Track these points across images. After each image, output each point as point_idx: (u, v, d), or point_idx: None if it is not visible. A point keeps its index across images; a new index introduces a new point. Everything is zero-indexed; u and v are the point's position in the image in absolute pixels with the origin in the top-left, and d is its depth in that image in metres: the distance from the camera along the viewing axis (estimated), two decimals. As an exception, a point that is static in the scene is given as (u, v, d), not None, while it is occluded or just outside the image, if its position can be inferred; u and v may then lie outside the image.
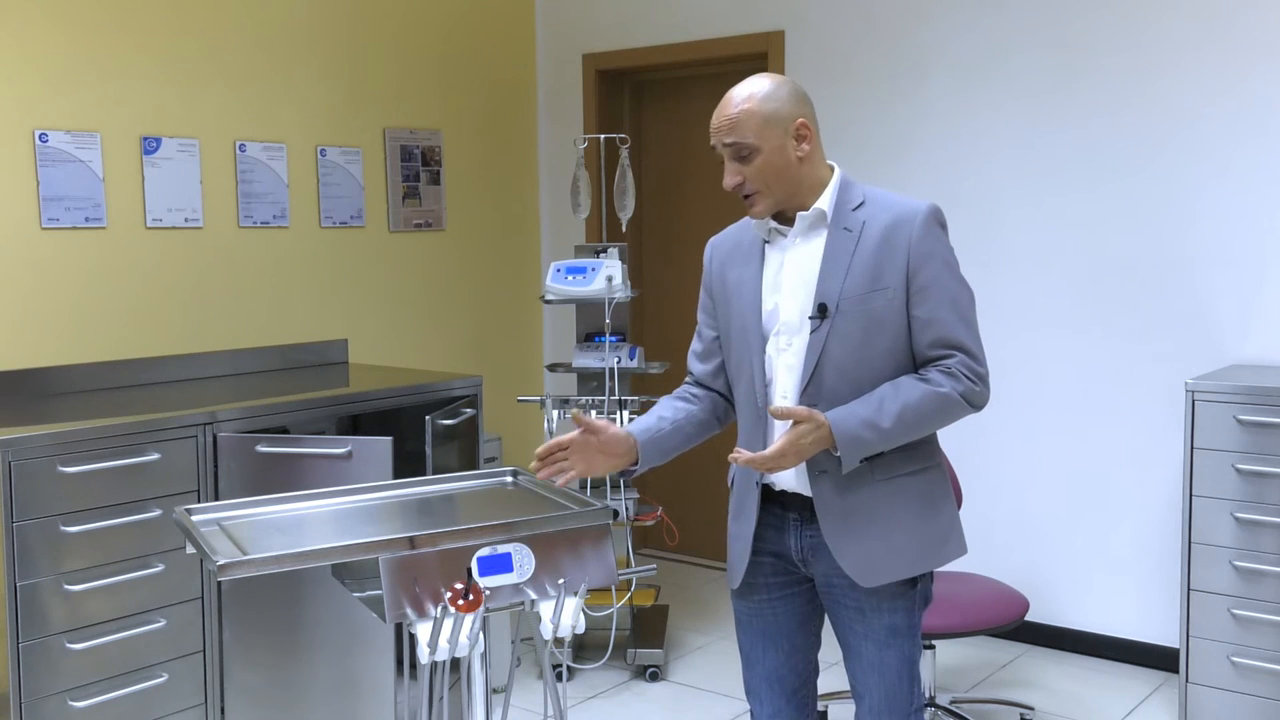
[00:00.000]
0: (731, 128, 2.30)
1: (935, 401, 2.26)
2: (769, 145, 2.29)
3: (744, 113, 2.29)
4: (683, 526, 4.93)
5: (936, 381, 2.27)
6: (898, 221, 2.29)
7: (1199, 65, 4.02)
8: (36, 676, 3.07)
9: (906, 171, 4.61)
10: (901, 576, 2.34)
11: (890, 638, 2.38)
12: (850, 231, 2.31)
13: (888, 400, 2.25)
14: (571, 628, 2.24)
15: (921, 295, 2.28)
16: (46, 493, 3.07)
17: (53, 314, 3.90)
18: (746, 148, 2.29)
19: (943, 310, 2.28)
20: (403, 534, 2.14)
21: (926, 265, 2.28)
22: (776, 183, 2.32)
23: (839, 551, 2.33)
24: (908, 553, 2.34)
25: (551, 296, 4.20)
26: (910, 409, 2.25)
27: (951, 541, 2.41)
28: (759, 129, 2.28)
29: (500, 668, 3.93)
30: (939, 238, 2.31)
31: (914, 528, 2.35)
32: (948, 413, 2.29)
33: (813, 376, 2.30)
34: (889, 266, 2.28)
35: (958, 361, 2.28)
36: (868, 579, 2.33)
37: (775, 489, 2.40)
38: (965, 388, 2.28)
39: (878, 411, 2.24)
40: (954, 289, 2.30)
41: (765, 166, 2.30)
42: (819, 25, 4.79)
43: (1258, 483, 3.57)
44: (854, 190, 2.37)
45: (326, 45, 4.69)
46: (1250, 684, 3.62)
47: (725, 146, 2.32)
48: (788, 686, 2.52)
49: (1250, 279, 3.99)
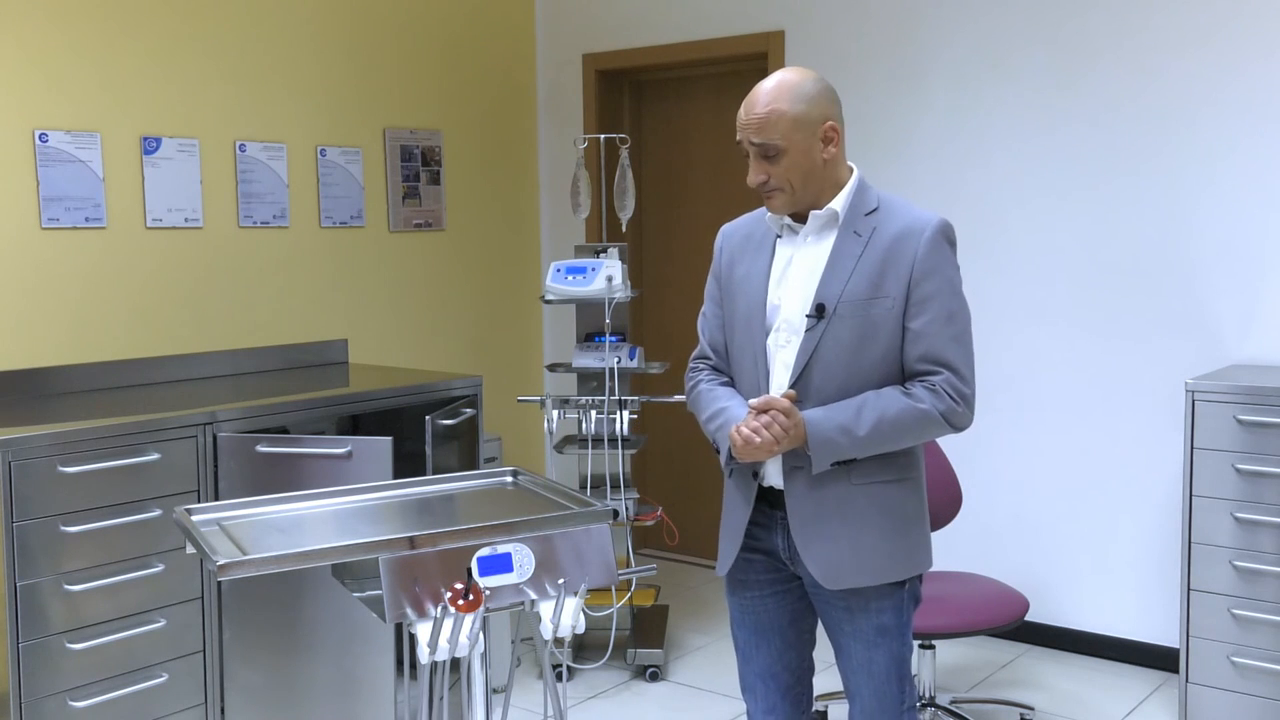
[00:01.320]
0: (760, 127, 2.28)
1: (914, 416, 2.26)
2: (796, 148, 2.28)
3: (773, 112, 2.27)
4: (683, 526, 4.93)
5: (918, 397, 2.27)
6: (906, 232, 2.29)
7: (1199, 65, 4.02)
8: (36, 676, 3.07)
9: (906, 171, 4.61)
10: (865, 584, 2.34)
11: (878, 638, 2.38)
12: (860, 236, 2.31)
13: (867, 408, 2.25)
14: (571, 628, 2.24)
15: (918, 308, 2.28)
16: (46, 493, 3.07)
17: (53, 314, 3.90)
18: (774, 149, 2.28)
19: (936, 325, 2.27)
20: (403, 534, 2.14)
21: (928, 279, 2.27)
22: (800, 183, 2.31)
23: (804, 549, 2.33)
24: (874, 560, 2.33)
25: (551, 296, 4.20)
26: (887, 421, 2.25)
27: (918, 555, 2.40)
28: (787, 131, 2.27)
29: (500, 668, 3.93)
30: (945, 254, 2.30)
31: (883, 537, 2.34)
32: (925, 429, 2.29)
33: (801, 375, 2.30)
34: (892, 276, 2.28)
35: (943, 380, 2.27)
36: (830, 580, 2.33)
37: (764, 485, 2.41)
38: (947, 407, 2.27)
39: (855, 419, 2.25)
40: (952, 306, 2.29)
41: (791, 167, 2.29)
42: (819, 25, 4.79)
43: (1257, 483, 3.57)
44: (870, 194, 2.36)
45: (327, 45, 4.69)
46: (1250, 684, 3.62)
47: (753, 145, 2.30)
48: (781, 683, 2.53)
49: (1250, 279, 3.99)
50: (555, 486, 2.54)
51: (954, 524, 3.99)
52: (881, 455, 2.31)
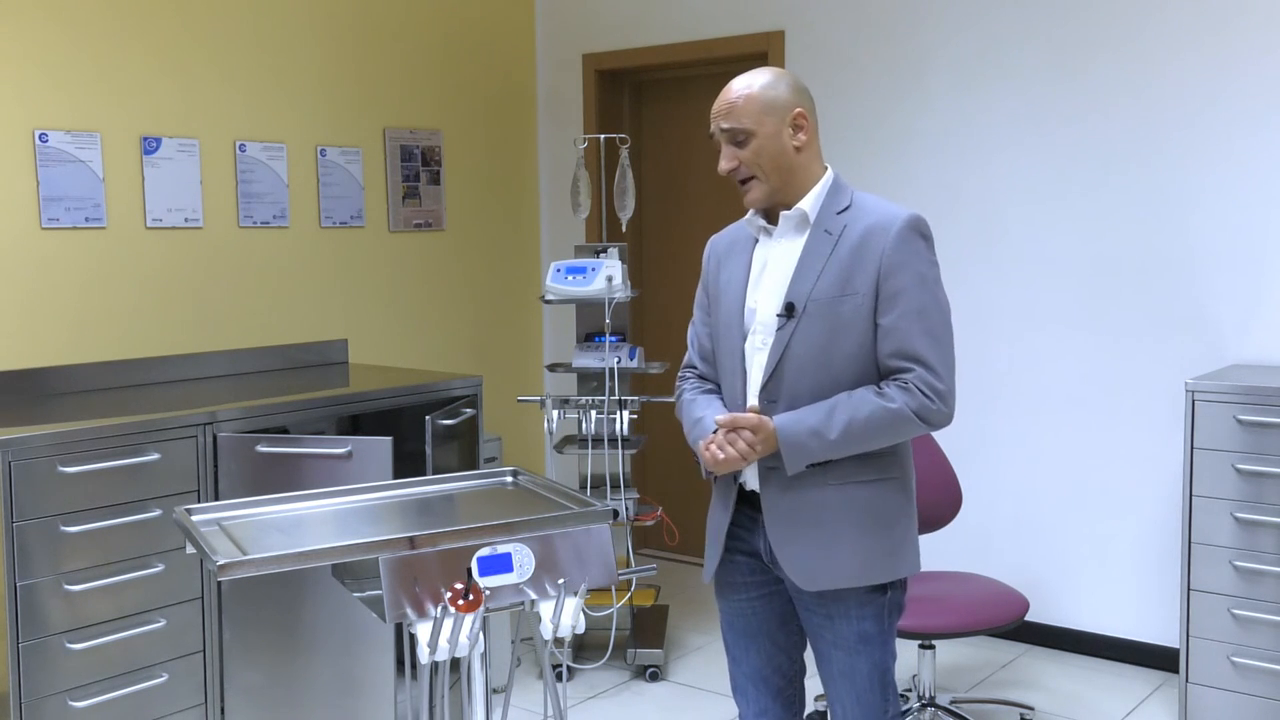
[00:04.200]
0: (729, 112, 2.32)
1: (885, 417, 2.24)
2: (765, 131, 2.30)
3: (743, 98, 2.31)
4: (683, 526, 4.93)
5: (889, 397, 2.25)
6: (875, 228, 2.29)
7: (1199, 64, 4.02)
8: (36, 676, 3.07)
9: (906, 171, 4.62)
10: (844, 585, 2.32)
11: (859, 645, 2.36)
12: (830, 234, 2.32)
13: (838, 411, 2.24)
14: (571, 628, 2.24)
15: (888, 304, 2.26)
16: (46, 493, 3.07)
17: (53, 314, 3.90)
18: (742, 132, 2.31)
19: (906, 321, 2.25)
20: (403, 534, 2.14)
21: (897, 274, 2.26)
22: (771, 169, 2.32)
23: (779, 550, 2.33)
24: (851, 562, 2.31)
25: (551, 296, 4.20)
26: (858, 422, 2.24)
27: (901, 556, 2.36)
28: (756, 114, 2.30)
29: (500, 668, 3.93)
30: (915, 248, 2.28)
31: (860, 538, 2.31)
32: (898, 429, 2.26)
33: (774, 374, 2.31)
34: (860, 272, 2.27)
35: (915, 376, 2.25)
36: (806, 582, 2.32)
37: (746, 488, 2.41)
38: (919, 404, 2.24)
39: (826, 421, 2.24)
40: (923, 301, 2.27)
41: (760, 151, 2.31)
42: (819, 25, 4.79)
43: (1257, 483, 3.57)
44: (844, 194, 2.36)
45: (327, 45, 4.69)
46: (1250, 684, 3.62)
47: (723, 131, 2.33)
48: (772, 685, 2.53)
49: (1250, 279, 3.99)
50: (555, 486, 2.54)
51: (954, 524, 3.99)
52: (860, 455, 2.29)
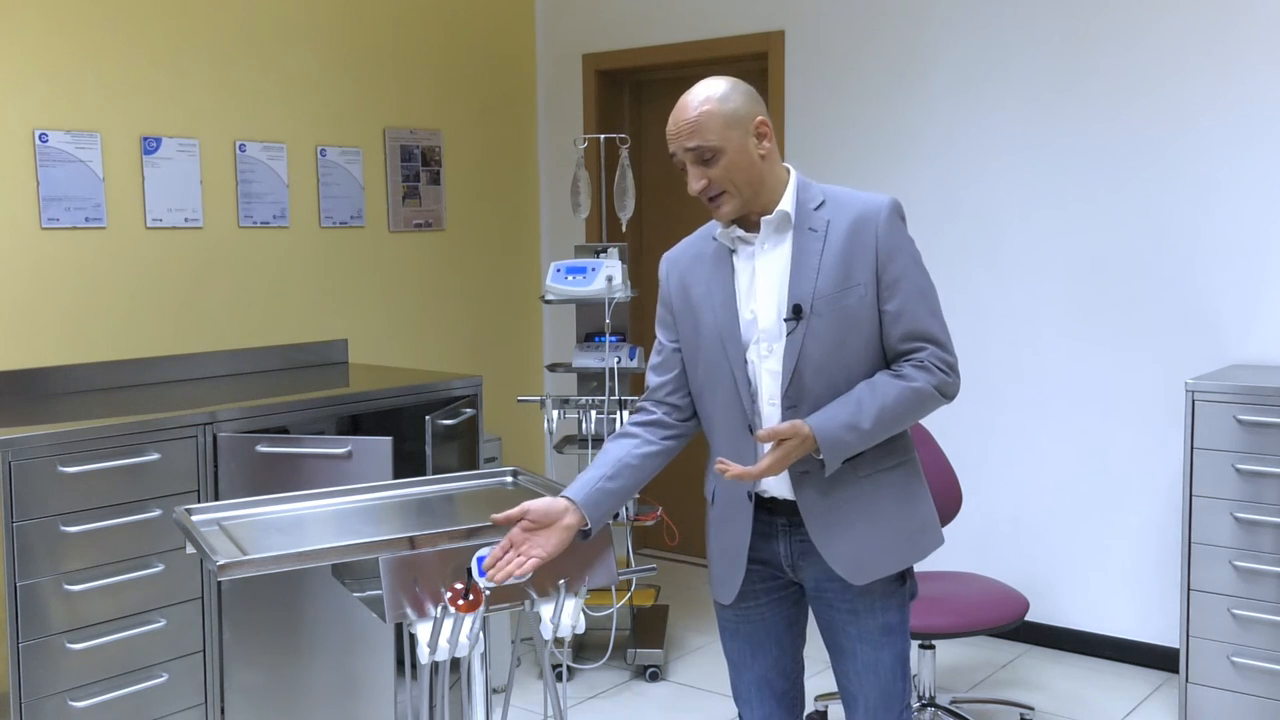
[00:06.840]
0: (694, 130, 2.26)
1: (911, 397, 2.28)
2: (732, 145, 2.26)
3: (705, 114, 2.25)
4: (683, 526, 4.93)
5: (910, 377, 2.28)
6: (863, 217, 2.30)
7: (1200, 66, 4.02)
8: (36, 676, 3.07)
9: (907, 171, 4.62)
10: (890, 571, 2.35)
11: (884, 636, 2.39)
12: (815, 231, 2.31)
13: (866, 401, 2.26)
14: (571, 628, 2.24)
15: (891, 290, 2.29)
16: (46, 493, 3.07)
17: (53, 314, 3.90)
18: (710, 150, 2.26)
19: (912, 303, 2.30)
20: (403, 534, 2.14)
21: (894, 260, 2.29)
22: (743, 181, 2.30)
23: (828, 552, 2.33)
24: (894, 546, 2.35)
25: (551, 296, 4.20)
26: (888, 408, 2.26)
27: (929, 531, 2.42)
28: (721, 129, 2.25)
29: (500, 668, 3.93)
30: (903, 231, 2.33)
31: (897, 521, 2.36)
32: (923, 406, 2.31)
33: (792, 379, 2.30)
34: (858, 263, 2.29)
35: (929, 354, 2.30)
36: (859, 576, 2.33)
37: (765, 496, 2.40)
38: (939, 380, 2.30)
39: (857, 413, 2.25)
40: (921, 281, 2.32)
41: (730, 167, 2.28)
42: (819, 25, 4.79)
43: (1257, 483, 3.57)
44: (812, 189, 2.36)
45: (326, 45, 4.69)
46: (1250, 684, 3.62)
47: (688, 151, 2.27)
48: (776, 689, 2.53)
49: (1250, 279, 3.99)
50: (555, 486, 2.53)
51: (954, 524, 3.99)
52: (880, 444, 2.33)
